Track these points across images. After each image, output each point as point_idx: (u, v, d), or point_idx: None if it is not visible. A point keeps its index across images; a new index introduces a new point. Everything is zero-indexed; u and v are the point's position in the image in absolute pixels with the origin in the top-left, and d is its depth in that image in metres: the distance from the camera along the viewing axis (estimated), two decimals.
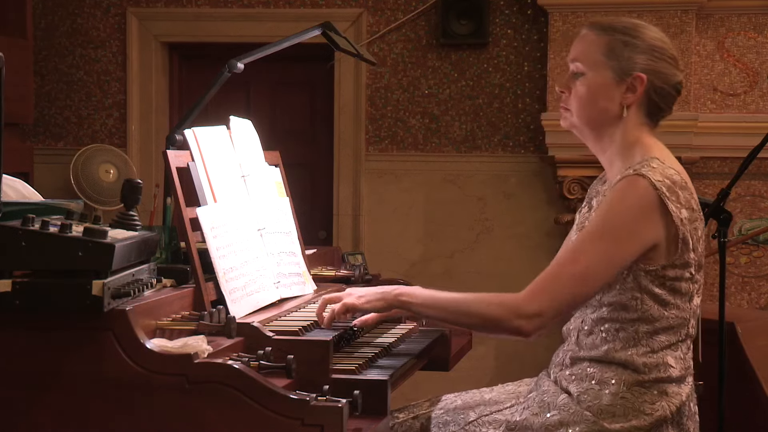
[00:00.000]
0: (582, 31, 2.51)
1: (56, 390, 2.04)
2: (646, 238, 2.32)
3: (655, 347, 2.39)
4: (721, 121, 5.37)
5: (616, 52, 2.43)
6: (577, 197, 5.40)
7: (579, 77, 2.46)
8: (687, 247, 2.36)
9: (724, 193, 3.21)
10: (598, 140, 2.49)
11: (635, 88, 2.42)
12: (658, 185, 2.31)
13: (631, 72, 2.42)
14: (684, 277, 2.39)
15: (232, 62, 3.16)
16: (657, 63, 2.43)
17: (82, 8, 6.07)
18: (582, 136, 2.52)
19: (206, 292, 2.44)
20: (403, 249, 5.84)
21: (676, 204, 2.33)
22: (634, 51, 2.42)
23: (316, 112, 6.11)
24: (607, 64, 2.43)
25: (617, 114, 2.44)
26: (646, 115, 2.46)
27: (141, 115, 6.06)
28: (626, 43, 2.43)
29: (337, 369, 2.31)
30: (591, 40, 2.46)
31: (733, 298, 5.36)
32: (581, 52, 2.47)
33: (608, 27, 2.46)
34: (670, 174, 2.36)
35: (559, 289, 2.32)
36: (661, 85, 2.44)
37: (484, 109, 5.80)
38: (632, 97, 2.43)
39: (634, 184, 2.33)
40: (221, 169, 2.66)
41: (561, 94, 2.51)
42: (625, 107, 2.43)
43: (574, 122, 2.49)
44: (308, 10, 5.88)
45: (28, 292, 2.00)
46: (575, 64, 2.47)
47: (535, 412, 2.44)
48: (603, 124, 2.46)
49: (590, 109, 2.45)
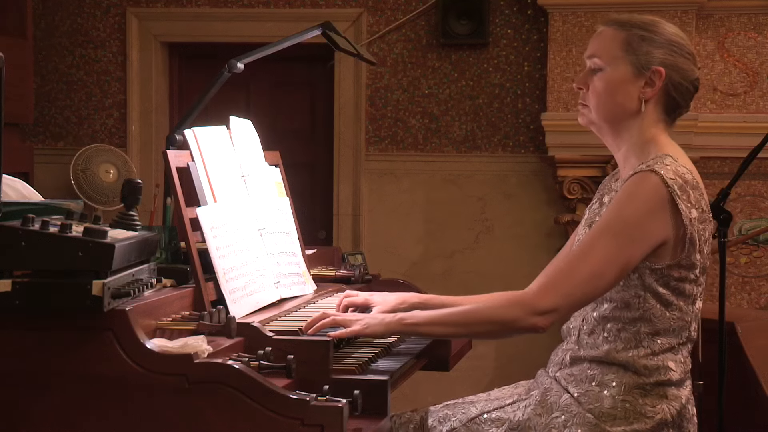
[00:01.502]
0: (599, 28, 2.50)
1: (56, 390, 2.04)
2: (656, 235, 2.32)
3: (655, 349, 2.39)
4: (721, 121, 5.38)
5: (634, 46, 2.42)
6: (577, 197, 5.40)
7: (597, 73, 2.45)
8: (694, 248, 2.35)
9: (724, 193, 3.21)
10: (616, 136, 2.48)
11: (654, 83, 2.42)
12: (669, 183, 2.31)
13: (650, 66, 2.41)
14: (689, 278, 2.38)
15: (232, 62, 3.16)
16: (675, 58, 2.43)
17: (82, 8, 6.07)
18: (600, 133, 2.51)
19: (206, 292, 2.44)
20: (403, 249, 5.84)
21: (686, 203, 2.33)
22: (652, 45, 2.42)
23: (316, 112, 6.11)
24: (626, 59, 2.43)
25: (635, 109, 2.43)
26: (663, 112, 2.45)
27: (141, 115, 6.06)
28: (644, 38, 2.43)
29: (337, 369, 2.31)
30: (609, 35, 2.46)
31: (733, 298, 5.36)
32: (599, 47, 2.47)
33: (626, 23, 2.46)
34: (683, 173, 2.35)
35: (571, 285, 2.32)
36: (679, 80, 2.43)
37: (484, 109, 5.80)
38: (651, 92, 2.42)
39: (646, 179, 2.32)
40: (221, 169, 2.66)
41: (579, 90, 2.50)
42: (643, 102, 2.43)
43: (592, 118, 2.49)
44: (308, 10, 5.88)
45: (28, 292, 2.00)
46: (593, 60, 2.47)
47: (539, 413, 2.43)
48: (621, 119, 2.45)
49: (609, 104, 2.45)
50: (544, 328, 2.32)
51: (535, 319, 2.31)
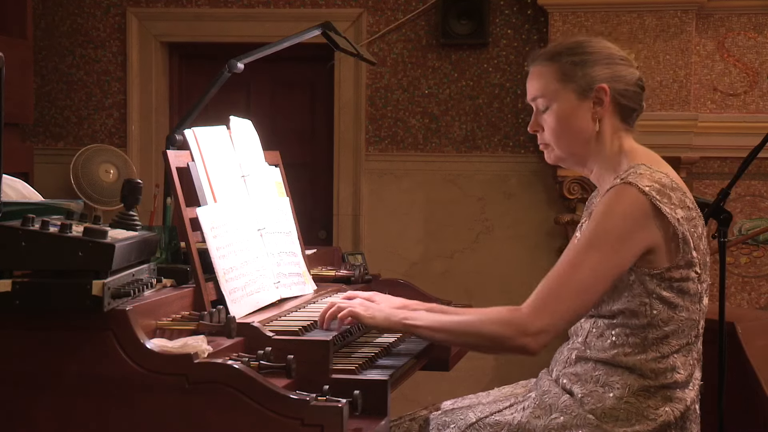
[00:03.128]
0: (529, 68, 2.54)
1: (56, 390, 2.04)
2: (640, 243, 2.32)
3: (665, 352, 2.39)
4: (721, 121, 5.37)
5: (569, 74, 2.46)
6: (577, 197, 5.40)
7: (546, 111, 2.49)
8: (688, 246, 2.36)
9: (724, 193, 3.20)
10: (584, 163, 2.52)
11: (601, 100, 2.45)
12: (646, 191, 2.32)
13: (592, 86, 2.44)
14: (690, 277, 2.38)
15: (232, 62, 3.16)
16: (612, 68, 2.46)
17: (82, 8, 6.07)
18: (569, 165, 2.56)
19: (206, 292, 2.44)
20: (403, 249, 5.84)
21: (669, 205, 2.33)
22: (586, 66, 2.45)
23: (316, 112, 6.10)
24: (566, 88, 2.46)
25: (593, 131, 2.46)
26: (620, 121, 2.49)
27: (141, 115, 6.06)
28: (576, 63, 2.46)
29: (337, 369, 2.31)
30: (541, 72, 2.50)
31: (733, 298, 5.36)
32: (537, 88, 2.51)
33: (553, 54, 2.49)
34: (659, 177, 2.36)
35: (560, 305, 2.32)
36: (624, 88, 2.46)
37: (484, 109, 5.80)
38: (602, 110, 2.46)
39: (623, 193, 2.34)
40: (221, 169, 2.66)
41: (535, 133, 2.54)
42: (597, 121, 2.46)
43: (558, 155, 2.53)
44: (308, 10, 5.88)
45: (28, 292, 2.00)
46: (537, 102, 2.52)
47: (537, 415, 2.43)
48: (584, 144, 2.48)
49: (567, 135, 2.48)
50: (534, 350, 2.33)
51: (525, 340, 2.31)
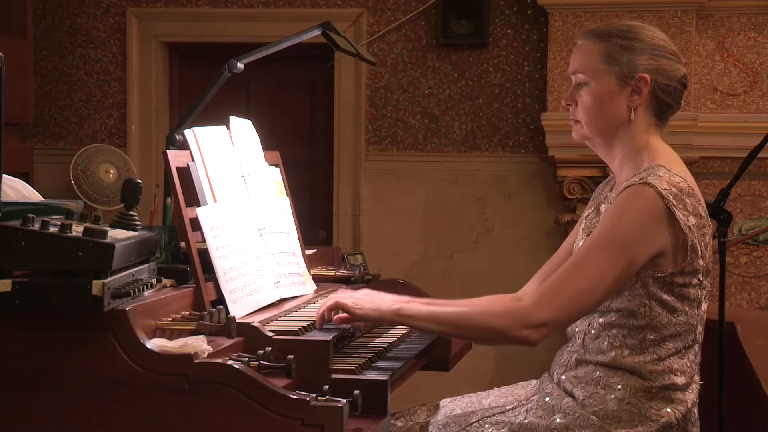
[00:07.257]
0: (578, 42, 2.50)
1: (56, 390, 2.04)
2: (653, 246, 2.30)
3: (662, 355, 2.38)
4: (721, 121, 5.37)
5: (615, 57, 2.42)
6: (577, 197, 5.40)
7: (583, 87, 2.46)
8: (696, 255, 2.35)
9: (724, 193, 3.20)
10: (609, 147, 2.48)
11: (640, 90, 2.41)
12: (664, 194, 2.29)
13: (634, 74, 2.41)
14: (692, 283, 2.38)
15: (232, 62, 3.16)
16: (658, 61, 2.42)
17: (82, 8, 6.07)
18: (593, 146, 2.52)
19: (206, 292, 2.44)
20: (403, 249, 5.84)
21: (683, 212, 2.32)
22: (633, 53, 2.41)
23: (316, 112, 6.10)
24: (609, 71, 2.42)
25: (626, 118, 2.43)
26: (654, 116, 2.45)
27: (141, 115, 6.06)
28: (624, 47, 2.42)
29: (337, 369, 2.31)
30: (588, 49, 2.46)
31: (733, 298, 5.36)
32: (581, 63, 2.47)
33: (604, 33, 2.45)
34: (677, 182, 2.34)
35: (566, 299, 2.30)
36: (666, 83, 2.43)
37: (484, 109, 5.80)
38: (639, 100, 2.42)
39: (641, 193, 2.31)
40: (221, 169, 2.66)
41: (567, 107, 2.51)
42: (632, 110, 2.43)
43: (585, 133, 2.49)
44: (308, 10, 5.88)
45: (28, 292, 2.00)
46: (577, 76, 2.47)
47: (540, 415, 2.43)
48: (613, 130, 2.45)
49: (599, 117, 2.45)
50: (535, 341, 2.31)
51: (526, 332, 2.30)
